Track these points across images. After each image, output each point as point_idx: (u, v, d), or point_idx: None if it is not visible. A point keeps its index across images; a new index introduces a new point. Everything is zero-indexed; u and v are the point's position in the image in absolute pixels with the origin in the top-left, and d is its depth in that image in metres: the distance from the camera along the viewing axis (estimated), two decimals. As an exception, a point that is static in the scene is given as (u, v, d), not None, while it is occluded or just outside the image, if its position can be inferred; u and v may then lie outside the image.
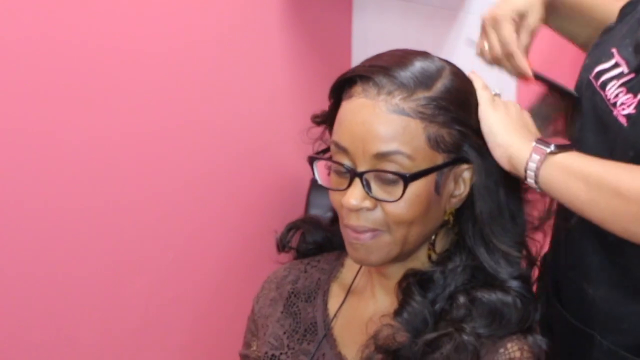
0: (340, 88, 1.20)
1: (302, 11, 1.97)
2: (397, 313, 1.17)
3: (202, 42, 1.80)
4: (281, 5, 1.93)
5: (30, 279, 1.60)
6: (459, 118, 1.16)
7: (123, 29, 1.66)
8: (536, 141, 1.16)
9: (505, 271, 1.19)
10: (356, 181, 1.15)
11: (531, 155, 1.15)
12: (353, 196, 1.14)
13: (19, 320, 1.60)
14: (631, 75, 1.22)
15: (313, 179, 1.31)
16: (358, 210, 1.15)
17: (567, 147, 1.16)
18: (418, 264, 1.21)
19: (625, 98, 1.21)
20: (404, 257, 1.20)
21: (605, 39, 1.34)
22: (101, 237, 1.69)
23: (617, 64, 1.26)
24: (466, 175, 1.19)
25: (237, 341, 1.41)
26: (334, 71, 1.22)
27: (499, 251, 1.19)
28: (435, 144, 1.14)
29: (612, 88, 1.24)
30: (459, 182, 1.19)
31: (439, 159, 1.15)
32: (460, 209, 1.21)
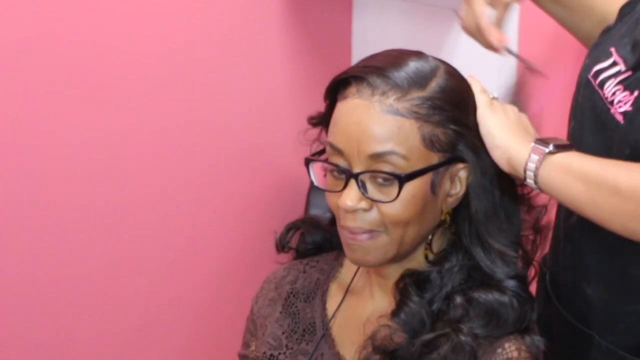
0: (335, 89, 1.20)
1: (302, 11, 1.97)
2: (395, 314, 1.18)
3: (202, 42, 1.80)
4: (281, 5, 1.93)
5: (30, 279, 1.60)
6: (454, 117, 1.16)
7: (123, 29, 1.66)
8: (535, 141, 1.16)
9: (501, 271, 1.19)
10: (352, 182, 1.15)
11: (530, 155, 1.15)
12: (349, 197, 1.14)
13: (19, 320, 1.60)
14: (628, 73, 1.23)
15: (313, 179, 1.31)
16: (354, 211, 1.15)
17: (566, 147, 1.16)
18: (415, 264, 1.21)
19: (622, 96, 1.21)
20: (401, 258, 1.20)
21: (604, 39, 1.34)
22: (101, 237, 1.69)
23: (615, 63, 1.26)
24: (462, 174, 1.19)
25: (237, 341, 1.41)
26: (334, 71, 1.22)
27: (495, 251, 1.19)
28: (430, 144, 1.14)
29: (610, 86, 1.24)
30: (455, 182, 1.19)
31: (434, 159, 1.15)
32: (456, 209, 1.21)
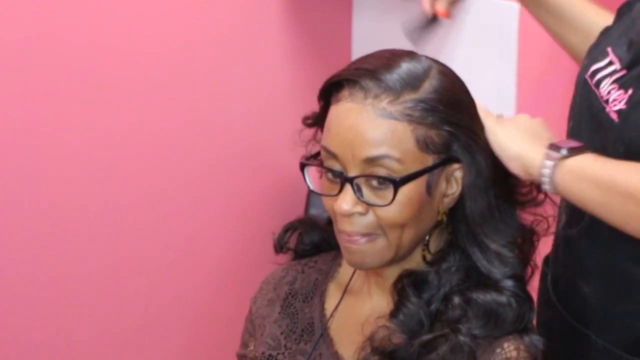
0: (328, 91, 1.19)
1: (302, 11, 1.97)
2: (393, 314, 1.17)
3: (202, 42, 1.80)
4: (281, 5, 1.93)
5: (30, 279, 1.60)
6: (448, 118, 1.15)
7: (123, 29, 1.66)
8: (547, 147, 1.17)
9: (498, 271, 1.18)
10: (347, 186, 1.14)
11: (543, 162, 1.16)
12: (345, 201, 1.14)
13: (19, 320, 1.60)
14: (623, 71, 1.23)
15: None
16: (350, 215, 1.15)
17: (580, 150, 1.17)
18: (413, 264, 1.21)
19: (617, 94, 1.21)
20: (399, 260, 1.20)
21: (602, 40, 1.34)
22: (101, 237, 1.69)
23: (611, 62, 1.26)
24: (458, 174, 1.18)
25: (236, 341, 1.41)
26: (334, 71, 1.22)
27: (491, 251, 1.18)
28: (424, 146, 1.14)
29: (605, 85, 1.24)
30: (451, 182, 1.18)
31: (429, 161, 1.15)
32: (453, 209, 1.20)
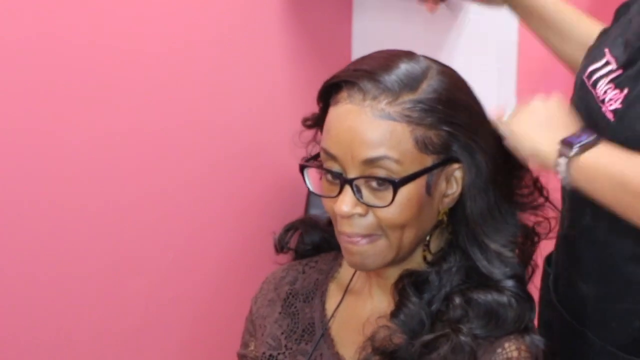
0: (327, 93, 1.20)
1: (302, 11, 1.97)
2: (394, 314, 1.18)
3: (202, 42, 1.80)
4: (281, 5, 1.92)
5: (30, 279, 1.60)
6: (447, 118, 1.15)
7: (123, 29, 1.66)
8: (560, 143, 1.17)
9: (499, 271, 1.19)
10: (346, 188, 1.15)
11: (557, 160, 1.17)
12: (344, 203, 1.14)
13: (19, 320, 1.60)
14: (619, 71, 1.24)
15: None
16: (350, 216, 1.15)
17: (591, 143, 1.17)
18: (414, 265, 1.21)
19: (613, 94, 1.22)
20: (400, 260, 1.20)
21: (600, 41, 1.35)
22: (101, 237, 1.69)
23: (608, 62, 1.27)
24: (458, 174, 1.18)
25: (236, 341, 1.41)
26: (334, 71, 1.22)
27: (492, 251, 1.19)
28: (423, 147, 1.14)
29: (602, 85, 1.25)
30: (451, 182, 1.19)
31: (428, 161, 1.15)
32: (453, 209, 1.20)
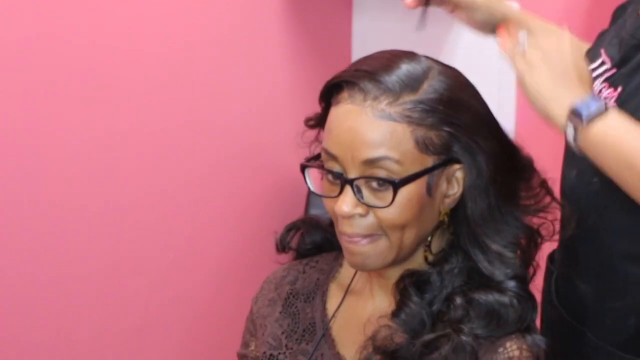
0: (328, 92, 1.20)
1: (302, 11, 1.97)
2: (395, 314, 1.17)
3: (202, 42, 1.80)
4: (281, 5, 1.93)
5: (30, 279, 1.60)
6: (448, 119, 1.15)
7: (123, 29, 1.66)
8: (571, 110, 1.16)
9: (500, 272, 1.18)
10: (347, 188, 1.14)
11: (567, 128, 1.17)
12: (345, 203, 1.14)
13: (19, 320, 1.60)
14: (613, 70, 1.25)
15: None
16: (351, 217, 1.15)
17: (601, 112, 1.16)
18: (415, 265, 1.21)
19: (607, 92, 1.23)
20: (401, 261, 1.20)
21: (597, 42, 1.37)
22: (101, 237, 1.69)
23: (603, 62, 1.28)
24: (459, 175, 1.18)
25: (237, 341, 1.41)
26: (334, 71, 1.22)
27: (493, 252, 1.18)
28: (424, 147, 1.14)
29: (597, 84, 1.26)
30: (452, 182, 1.18)
31: (429, 162, 1.15)
32: (454, 209, 1.20)
